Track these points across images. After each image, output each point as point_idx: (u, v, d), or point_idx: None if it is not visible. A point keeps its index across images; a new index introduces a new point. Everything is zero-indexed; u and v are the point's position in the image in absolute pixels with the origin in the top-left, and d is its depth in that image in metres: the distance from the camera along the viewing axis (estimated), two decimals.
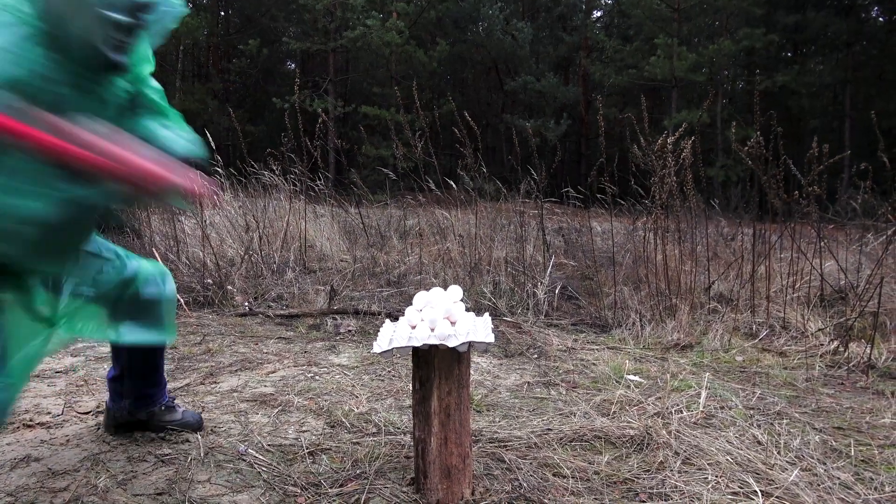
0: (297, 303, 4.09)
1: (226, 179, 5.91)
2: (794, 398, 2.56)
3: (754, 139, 3.48)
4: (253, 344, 3.20)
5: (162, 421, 1.97)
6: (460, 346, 1.53)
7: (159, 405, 1.97)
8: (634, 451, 1.94)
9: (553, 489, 1.68)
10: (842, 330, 3.29)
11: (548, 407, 2.36)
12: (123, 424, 1.96)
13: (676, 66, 17.59)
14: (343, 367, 2.83)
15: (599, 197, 4.77)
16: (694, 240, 4.27)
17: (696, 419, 2.20)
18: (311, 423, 2.15)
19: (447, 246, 4.99)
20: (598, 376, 2.76)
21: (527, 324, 3.71)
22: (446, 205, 5.67)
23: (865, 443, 2.09)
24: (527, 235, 4.88)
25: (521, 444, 1.97)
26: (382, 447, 1.93)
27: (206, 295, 4.05)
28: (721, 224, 6.13)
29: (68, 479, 1.69)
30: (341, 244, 5.62)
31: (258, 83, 23.59)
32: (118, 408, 1.94)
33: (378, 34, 18.09)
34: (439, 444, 1.58)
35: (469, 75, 26.45)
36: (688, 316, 3.60)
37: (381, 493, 1.64)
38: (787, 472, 1.79)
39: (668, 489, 1.69)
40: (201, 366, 2.76)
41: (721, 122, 18.33)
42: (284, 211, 5.47)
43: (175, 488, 1.63)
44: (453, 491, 1.60)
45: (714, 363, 3.05)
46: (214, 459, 1.83)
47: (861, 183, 4.12)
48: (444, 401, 1.58)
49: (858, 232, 5.16)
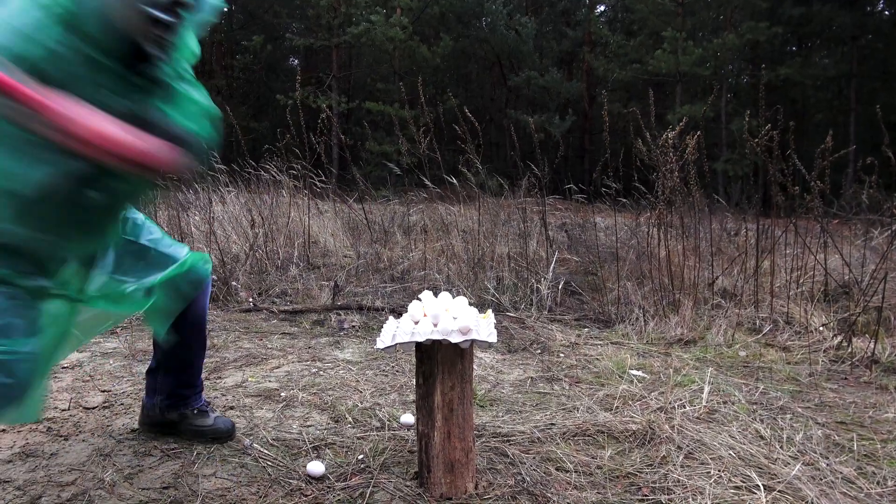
0: (301, 298, 4.11)
1: (229, 176, 5.93)
2: (798, 393, 2.56)
3: (765, 132, 3.47)
4: (257, 339, 3.22)
5: (193, 425, 1.92)
6: (463, 342, 1.54)
7: (192, 408, 1.92)
8: (637, 446, 1.95)
9: (556, 483, 1.69)
10: (845, 325, 3.29)
11: (551, 402, 2.37)
12: (157, 424, 1.94)
13: (681, 61, 17.52)
14: (347, 362, 2.84)
15: (603, 192, 4.77)
16: (698, 235, 4.27)
17: (699, 414, 2.21)
18: (316, 417, 2.16)
19: (451, 241, 4.99)
20: (601, 371, 2.77)
21: (530, 319, 3.71)
22: (450, 200, 5.67)
23: (868, 437, 2.09)
24: (530, 231, 4.88)
25: (525, 438, 1.98)
26: (386, 442, 1.94)
27: (211, 291, 4.06)
28: (725, 219, 6.11)
29: (75, 473, 1.70)
30: (345, 240, 5.64)
31: (262, 80, 23.58)
32: (151, 405, 1.93)
33: (381, 30, 18.05)
34: (443, 438, 1.59)
35: (473, 71, 26.38)
36: (691, 311, 3.59)
37: (385, 487, 1.65)
38: (789, 467, 1.79)
39: (670, 483, 1.70)
40: (206, 361, 2.77)
41: (726, 116, 18.26)
42: (288, 207, 5.48)
43: (181, 482, 1.64)
44: (457, 485, 1.61)
45: (717, 358, 3.05)
46: (220, 454, 1.84)
47: (866, 177, 4.11)
48: (447, 396, 1.59)
49: (863, 226, 5.14)
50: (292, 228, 5.44)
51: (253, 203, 5.50)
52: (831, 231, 4.15)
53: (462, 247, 4.87)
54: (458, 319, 1.57)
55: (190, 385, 1.92)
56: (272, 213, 5.40)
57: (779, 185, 3.66)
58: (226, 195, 5.81)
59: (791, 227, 3.95)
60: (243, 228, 5.19)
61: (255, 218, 5.04)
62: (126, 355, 2.83)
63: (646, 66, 18.63)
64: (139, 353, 2.83)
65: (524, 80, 21.16)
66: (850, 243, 4.86)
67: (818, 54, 20.72)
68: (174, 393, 1.90)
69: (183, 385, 1.91)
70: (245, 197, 5.81)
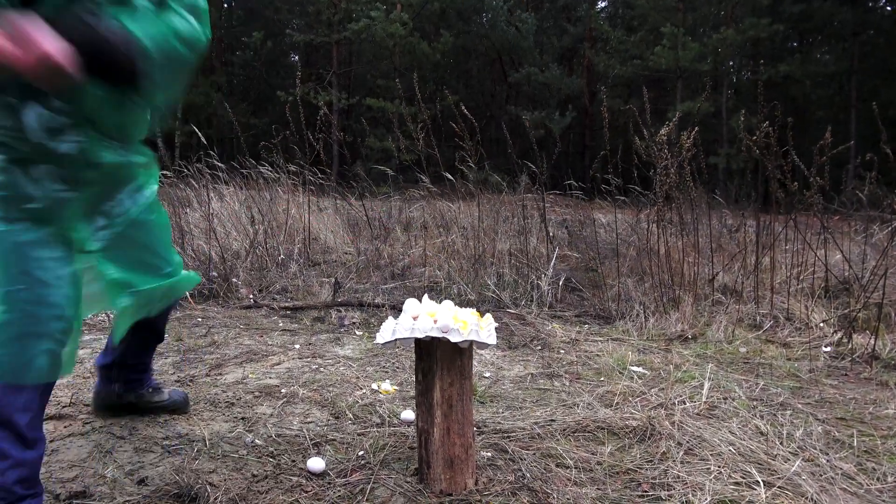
0: (301, 295, 4.11)
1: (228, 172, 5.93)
2: (798, 389, 2.56)
3: (763, 128, 3.46)
4: (258, 336, 3.22)
5: (151, 402, 2.03)
6: (462, 342, 1.54)
7: (147, 387, 2.03)
8: (637, 442, 1.95)
9: (556, 479, 1.69)
10: (846, 321, 3.29)
11: (551, 398, 2.37)
12: (114, 407, 2.01)
13: (681, 56, 17.48)
14: (347, 358, 2.85)
15: (603, 188, 4.77)
16: (698, 231, 4.27)
17: (699, 410, 2.21)
18: (316, 414, 2.16)
19: (451, 238, 5.00)
20: (601, 368, 2.77)
21: (530, 315, 3.72)
22: (450, 197, 5.67)
23: (868, 433, 2.09)
24: (530, 227, 4.88)
25: (525, 434, 1.99)
26: (387, 438, 1.94)
27: (212, 287, 4.07)
28: (725, 215, 6.11)
29: (76, 469, 1.71)
30: (345, 237, 5.64)
31: (262, 76, 23.55)
32: (108, 391, 1.99)
33: (382, 26, 18.01)
34: (442, 434, 1.60)
35: (473, 67, 26.35)
36: (691, 307, 3.59)
37: (386, 483, 1.65)
38: (789, 463, 1.80)
39: (670, 479, 1.70)
40: (207, 357, 2.78)
41: (726, 112, 18.23)
42: (288, 204, 5.48)
43: (182, 478, 1.64)
44: (456, 481, 1.61)
45: (717, 354, 3.05)
46: (221, 450, 1.85)
47: (866, 173, 4.10)
48: (446, 392, 1.59)
49: (863, 223, 5.14)
50: (292, 225, 5.44)
51: (252, 200, 5.50)
52: (832, 227, 4.15)
53: (462, 243, 4.87)
54: (437, 320, 1.57)
55: (144, 370, 2.02)
56: (271, 210, 5.40)
57: (778, 181, 3.65)
58: (224, 191, 5.81)
59: (791, 224, 3.95)
60: (243, 225, 5.19)
61: (254, 215, 5.04)
62: None
63: (646, 62, 18.60)
64: None
65: (524, 76, 21.13)
66: (851, 239, 4.86)
67: (819, 50, 20.68)
68: (130, 379, 1.99)
69: (138, 372, 2.00)
70: (245, 194, 5.80)
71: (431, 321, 1.57)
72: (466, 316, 1.61)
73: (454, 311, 1.62)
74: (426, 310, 1.63)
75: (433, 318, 1.58)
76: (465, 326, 1.56)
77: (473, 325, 1.57)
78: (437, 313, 1.60)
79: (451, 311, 1.63)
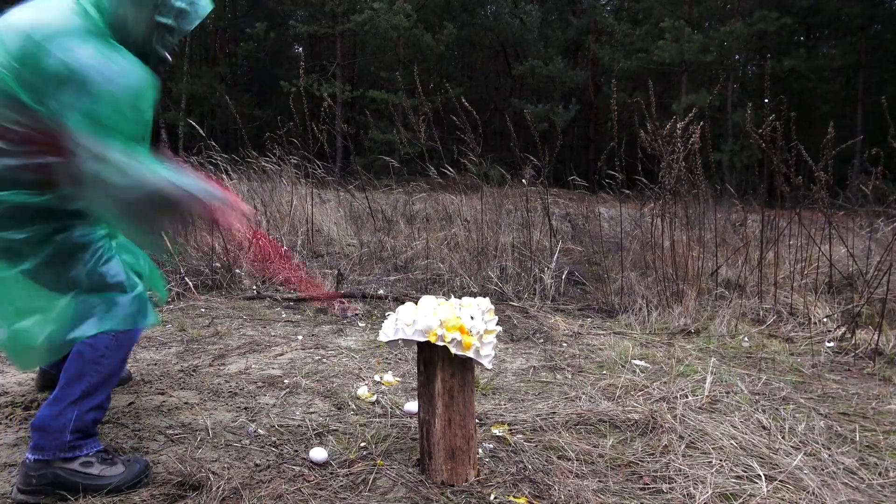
0: (304, 287, 4.11)
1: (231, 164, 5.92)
2: (800, 384, 2.56)
3: (769, 122, 3.44)
4: (261, 327, 3.22)
5: None
6: (461, 356, 1.57)
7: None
8: (639, 435, 1.95)
9: (557, 471, 1.69)
10: (849, 316, 3.28)
11: (553, 391, 2.37)
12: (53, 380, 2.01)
13: (686, 49, 17.37)
14: (350, 349, 2.85)
15: (607, 182, 4.75)
16: (702, 225, 4.25)
17: (701, 404, 2.21)
18: (319, 404, 2.17)
19: (454, 231, 4.99)
20: (603, 361, 2.77)
21: (533, 308, 3.71)
22: (453, 190, 5.66)
23: (871, 428, 2.09)
24: (533, 221, 4.87)
25: (527, 427, 1.99)
26: (389, 429, 1.95)
27: (215, 278, 4.07)
28: (729, 210, 6.09)
29: None
30: (348, 229, 5.64)
31: (266, 67, 23.49)
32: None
33: (385, 18, 17.93)
34: (443, 425, 1.60)
35: (477, 59, 26.24)
36: (695, 302, 3.59)
37: (388, 473, 1.66)
38: (791, 457, 1.80)
39: (671, 472, 1.70)
40: (210, 348, 2.79)
41: (731, 106, 18.13)
42: (291, 195, 5.48)
43: (185, 467, 1.65)
44: (458, 472, 1.61)
45: (720, 349, 3.05)
46: (224, 439, 1.85)
47: (872, 168, 4.07)
48: (447, 383, 1.59)
49: (869, 218, 5.12)
50: (295, 217, 5.44)
51: (255, 191, 5.50)
52: (836, 222, 4.14)
53: (465, 236, 4.86)
54: (417, 321, 1.58)
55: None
56: (273, 200, 5.39)
57: (783, 175, 3.64)
58: (227, 183, 5.80)
59: (796, 218, 3.93)
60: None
61: (257, 206, 5.03)
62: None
63: (651, 55, 18.48)
64: (142, 340, 2.84)
65: (528, 69, 21.03)
66: (855, 235, 4.84)
67: (826, 44, 20.53)
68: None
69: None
70: (247, 185, 5.80)
71: (428, 322, 1.57)
72: (469, 318, 1.60)
73: (456, 311, 1.62)
74: (429, 309, 1.63)
75: (434, 315, 1.58)
76: (469, 345, 1.57)
77: (476, 343, 1.57)
78: (437, 311, 1.60)
79: (451, 310, 1.62)
